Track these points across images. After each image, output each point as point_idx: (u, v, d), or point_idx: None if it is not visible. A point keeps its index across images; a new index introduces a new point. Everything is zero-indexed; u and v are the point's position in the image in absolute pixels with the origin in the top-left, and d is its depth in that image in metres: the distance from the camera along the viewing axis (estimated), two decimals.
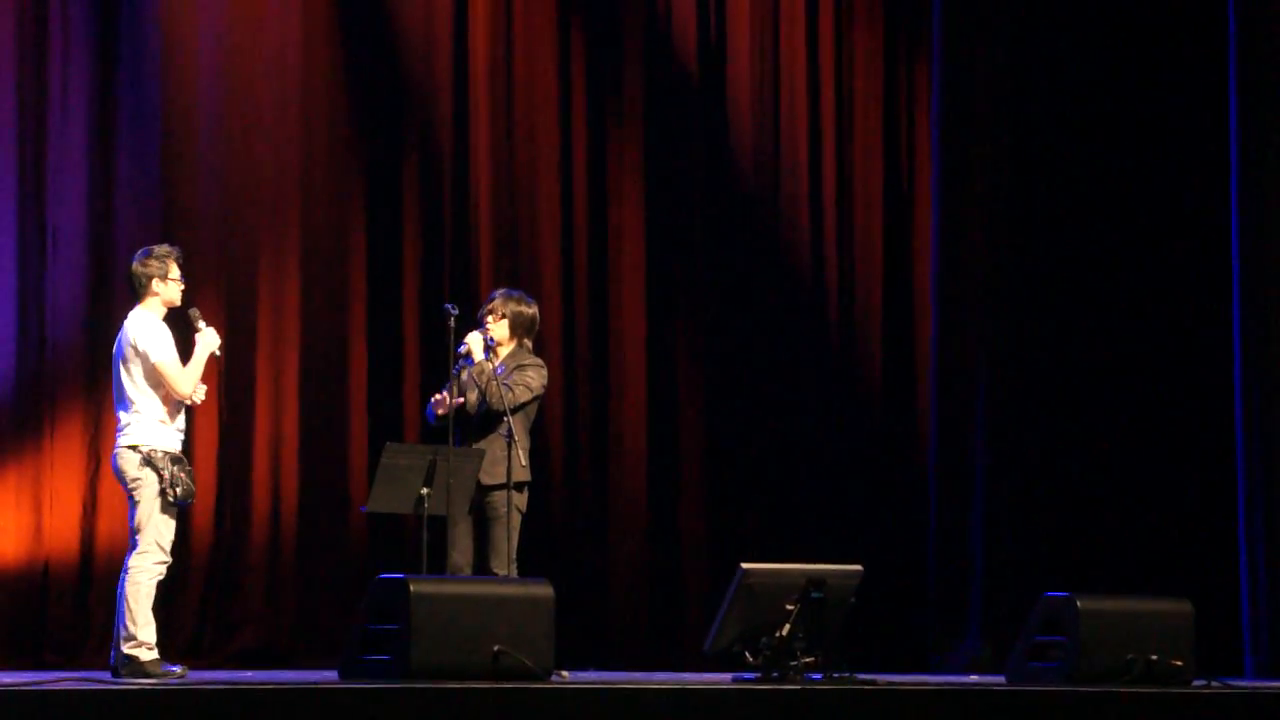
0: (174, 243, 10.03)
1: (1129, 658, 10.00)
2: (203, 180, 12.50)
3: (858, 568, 9.69)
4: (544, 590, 9.32)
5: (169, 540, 9.51)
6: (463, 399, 10.40)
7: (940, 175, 13.96)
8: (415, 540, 10.17)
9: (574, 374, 13.39)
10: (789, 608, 9.32)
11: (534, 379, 10.44)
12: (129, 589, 9.39)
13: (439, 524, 10.21)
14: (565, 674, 9.92)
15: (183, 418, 9.68)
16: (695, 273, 13.78)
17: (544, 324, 11.24)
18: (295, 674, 10.72)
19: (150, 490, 9.46)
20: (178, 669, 9.42)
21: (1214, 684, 10.09)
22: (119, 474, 9.57)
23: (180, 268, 9.74)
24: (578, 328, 13.44)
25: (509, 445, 10.19)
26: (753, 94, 13.95)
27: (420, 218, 13.06)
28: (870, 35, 14.31)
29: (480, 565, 10.33)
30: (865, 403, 14.15)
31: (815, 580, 9.40)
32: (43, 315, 12.08)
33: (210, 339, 9.75)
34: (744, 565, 9.41)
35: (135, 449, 9.50)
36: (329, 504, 12.59)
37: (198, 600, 12.19)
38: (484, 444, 10.30)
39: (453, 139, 13.17)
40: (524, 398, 10.37)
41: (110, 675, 9.41)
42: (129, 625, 9.35)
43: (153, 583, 9.44)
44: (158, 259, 9.70)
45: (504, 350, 10.54)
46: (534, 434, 10.66)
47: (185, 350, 9.71)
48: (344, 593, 12.19)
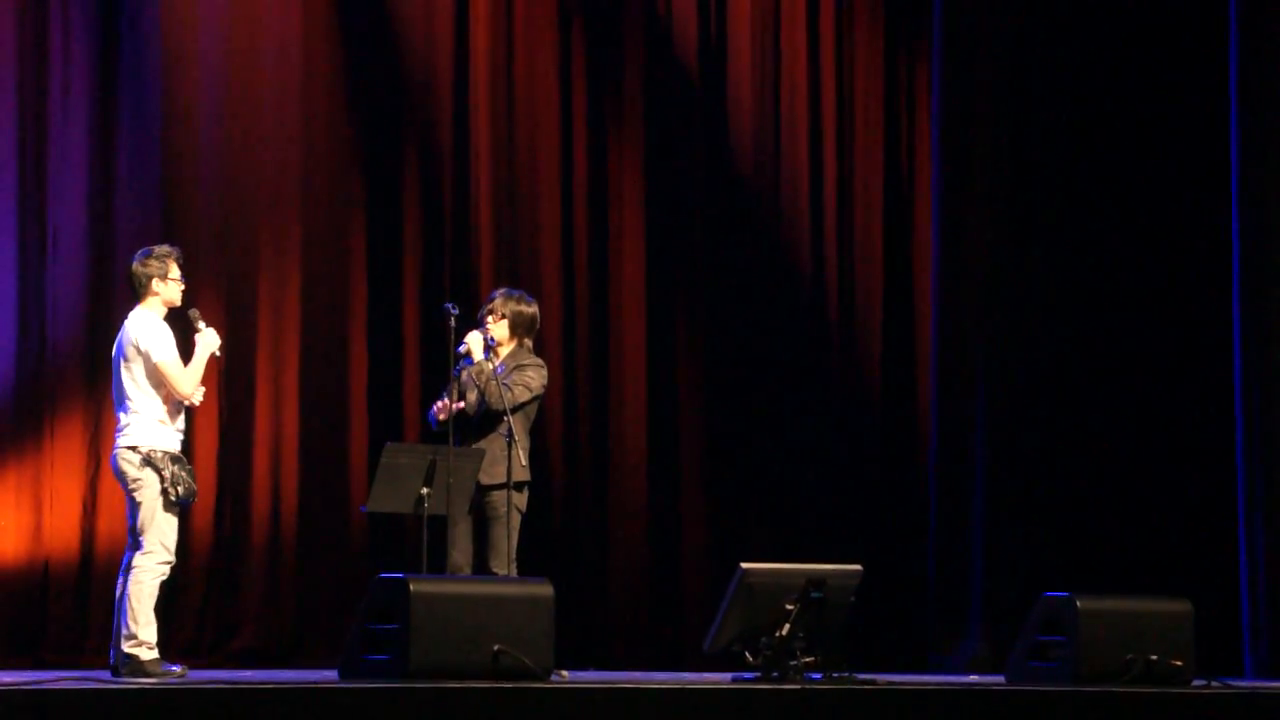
0: (174, 243, 10.03)
1: (1129, 658, 9.99)
2: (203, 180, 12.50)
3: (857, 567, 9.69)
4: (544, 590, 9.30)
5: (173, 540, 9.51)
6: (462, 402, 10.39)
7: (940, 175, 13.96)
8: (415, 540, 10.17)
9: (574, 374, 13.39)
10: (789, 607, 9.31)
11: (534, 379, 10.43)
12: (132, 588, 9.39)
13: (439, 523, 10.21)
14: (565, 673, 9.91)
15: (182, 418, 9.68)
16: (695, 273, 13.78)
17: (544, 324, 11.23)
18: (295, 674, 10.71)
19: (152, 490, 9.46)
20: (178, 668, 9.42)
21: (1214, 684, 10.07)
22: (119, 475, 9.56)
23: (180, 268, 9.74)
24: (578, 328, 13.44)
25: (509, 445, 10.18)
26: (753, 94, 13.95)
27: (420, 218, 13.06)
28: (870, 35, 14.32)
29: (480, 565, 10.32)
30: (865, 403, 14.15)
31: (815, 580, 9.39)
32: (43, 315, 12.08)
33: (210, 339, 9.74)
34: (744, 565, 9.40)
35: (135, 449, 9.49)
36: (329, 504, 12.59)
37: (198, 600, 12.19)
38: (484, 444, 10.29)
39: (453, 139, 13.17)
40: (523, 397, 10.36)
41: (110, 674, 9.41)
42: (130, 624, 9.35)
43: (156, 583, 9.44)
44: (158, 259, 9.69)
45: (504, 350, 10.53)
46: (534, 434, 10.65)
47: (185, 351, 9.71)
48: (344, 592, 12.19)
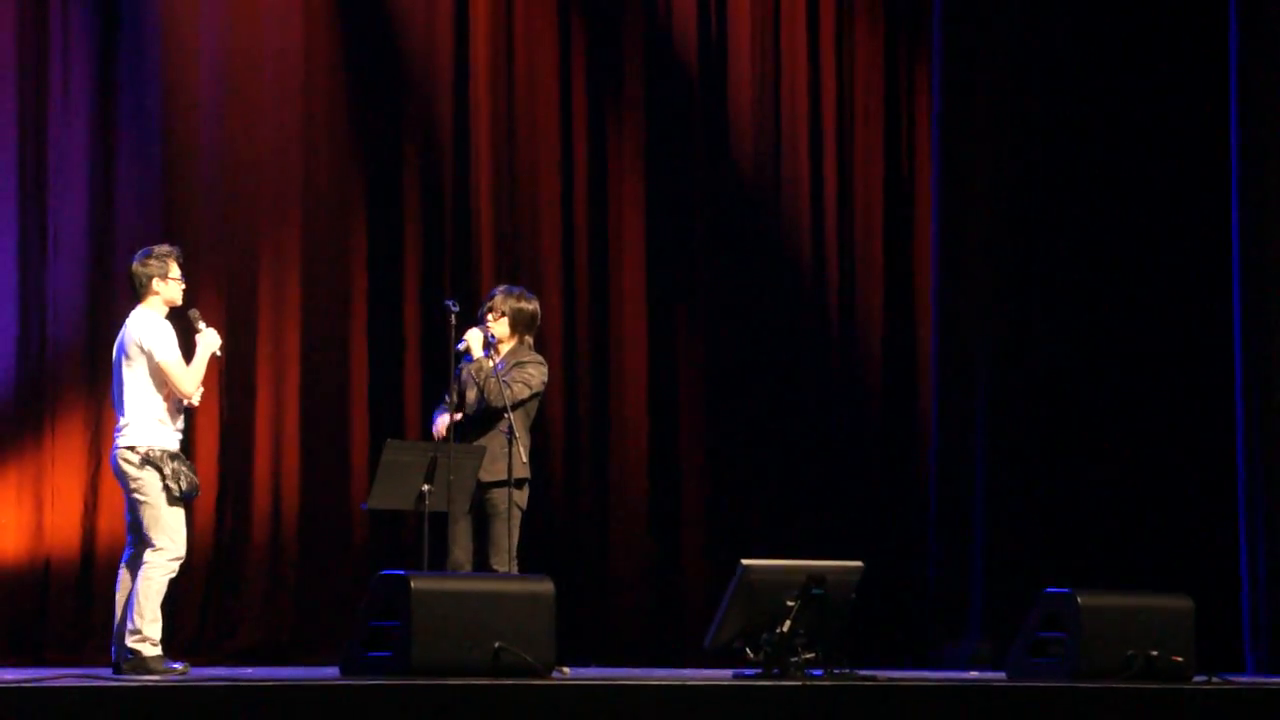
0: (174, 243, 10.01)
1: (1129, 654, 10.00)
2: (203, 180, 12.49)
3: (858, 564, 9.68)
4: (545, 586, 9.30)
5: (182, 535, 9.49)
6: (459, 415, 10.36)
7: (940, 175, 13.97)
8: (416, 537, 10.17)
9: (574, 373, 13.39)
10: (790, 604, 9.31)
11: (534, 376, 10.41)
12: (141, 584, 9.36)
13: (440, 521, 10.21)
14: (566, 670, 9.90)
15: (182, 419, 9.67)
16: (695, 272, 13.78)
17: (544, 323, 11.22)
18: (296, 671, 10.70)
19: (154, 489, 9.44)
20: (180, 666, 9.41)
21: (1214, 680, 10.08)
22: (119, 475, 9.54)
23: (180, 267, 9.73)
24: (578, 328, 13.44)
25: (510, 442, 10.17)
26: (753, 94, 13.96)
27: (420, 218, 13.06)
28: (871, 35, 14.33)
29: (480, 562, 10.31)
30: (865, 403, 14.16)
31: (816, 577, 9.39)
32: (43, 315, 12.07)
33: (211, 340, 9.73)
34: (745, 561, 9.40)
35: (134, 449, 9.47)
36: (330, 502, 12.59)
37: (200, 598, 12.17)
38: (484, 441, 10.28)
39: (453, 139, 13.17)
40: (523, 394, 10.34)
41: (111, 672, 9.40)
42: (136, 619, 9.34)
43: (165, 579, 9.42)
44: (158, 259, 9.68)
45: (505, 347, 10.53)
46: (534, 431, 10.64)
47: (186, 351, 9.70)
48: (345, 590, 12.19)
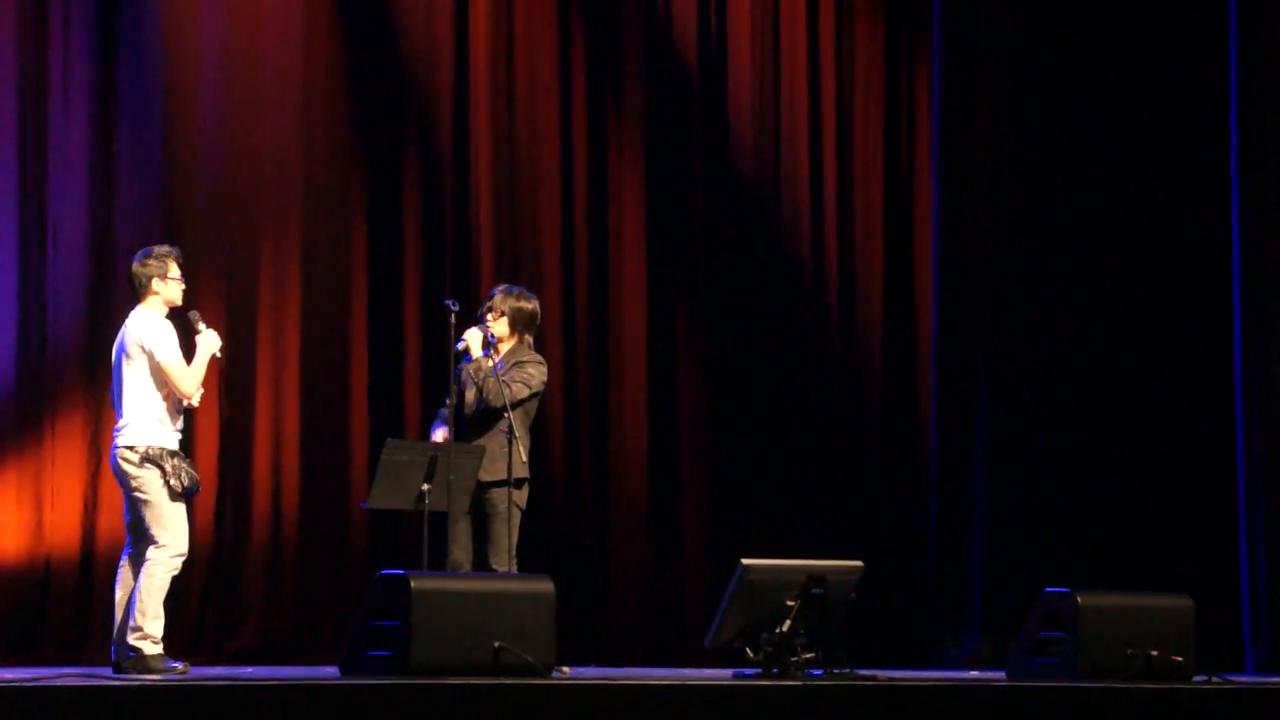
0: (174, 243, 10.02)
1: (1129, 653, 10.00)
2: (203, 180, 12.50)
3: (858, 564, 9.69)
4: (544, 586, 9.30)
5: (184, 532, 9.49)
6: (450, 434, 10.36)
7: (940, 175, 13.97)
8: (416, 537, 10.17)
9: (574, 372, 13.39)
10: (790, 604, 9.31)
11: (534, 375, 10.40)
12: (144, 581, 9.36)
13: (439, 520, 10.21)
14: (566, 670, 9.90)
15: (181, 420, 9.67)
16: (695, 272, 13.79)
17: (544, 323, 11.22)
18: (296, 670, 10.69)
19: (155, 487, 9.44)
20: (180, 665, 9.41)
21: (1214, 680, 10.07)
22: (119, 475, 9.54)
23: (180, 268, 9.73)
24: (578, 327, 13.44)
25: (509, 442, 10.17)
26: (753, 94, 13.96)
27: (420, 218, 13.06)
28: (871, 35, 14.34)
29: (480, 561, 10.31)
30: (865, 403, 14.16)
31: (816, 576, 9.39)
32: (43, 315, 12.07)
33: (211, 340, 9.73)
34: (744, 561, 9.40)
35: (133, 449, 9.47)
36: (330, 501, 12.59)
37: (199, 597, 12.17)
38: (484, 440, 10.28)
39: (453, 139, 13.18)
40: (522, 394, 10.34)
41: (111, 671, 9.40)
42: (138, 616, 9.34)
43: (168, 576, 9.43)
44: (157, 259, 9.69)
45: (505, 347, 10.52)
46: (534, 431, 10.64)
47: (186, 351, 9.70)
48: (345, 589, 12.20)
